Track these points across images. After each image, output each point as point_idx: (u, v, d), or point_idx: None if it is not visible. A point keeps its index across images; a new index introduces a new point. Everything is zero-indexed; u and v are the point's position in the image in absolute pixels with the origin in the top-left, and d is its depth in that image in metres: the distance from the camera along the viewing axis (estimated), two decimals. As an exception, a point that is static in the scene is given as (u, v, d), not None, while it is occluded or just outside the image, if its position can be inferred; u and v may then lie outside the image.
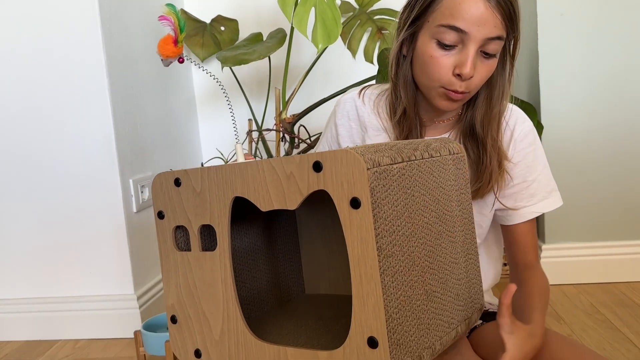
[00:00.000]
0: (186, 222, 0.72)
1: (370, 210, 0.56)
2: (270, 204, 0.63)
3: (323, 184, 0.58)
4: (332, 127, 1.04)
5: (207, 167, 0.69)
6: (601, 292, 1.72)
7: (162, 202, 0.74)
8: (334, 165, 0.57)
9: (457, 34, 0.81)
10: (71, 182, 1.61)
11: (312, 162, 0.59)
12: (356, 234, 0.57)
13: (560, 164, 1.78)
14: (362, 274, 0.57)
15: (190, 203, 0.71)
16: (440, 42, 0.82)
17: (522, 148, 0.93)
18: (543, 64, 1.76)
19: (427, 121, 0.95)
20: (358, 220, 0.56)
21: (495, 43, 0.82)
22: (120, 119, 1.61)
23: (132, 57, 1.71)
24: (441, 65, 0.83)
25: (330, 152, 0.57)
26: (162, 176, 0.74)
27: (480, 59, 0.83)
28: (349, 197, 0.57)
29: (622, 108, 1.75)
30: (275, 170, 0.62)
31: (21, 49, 1.58)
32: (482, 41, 0.81)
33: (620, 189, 1.78)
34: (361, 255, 0.57)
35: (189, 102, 2.16)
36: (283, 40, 1.77)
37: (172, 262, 0.74)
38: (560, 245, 1.82)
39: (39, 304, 1.67)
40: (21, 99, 1.60)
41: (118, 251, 1.62)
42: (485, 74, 0.85)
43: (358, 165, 0.56)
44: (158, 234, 0.75)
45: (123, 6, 1.68)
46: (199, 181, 0.70)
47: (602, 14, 1.72)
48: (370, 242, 0.56)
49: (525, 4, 1.84)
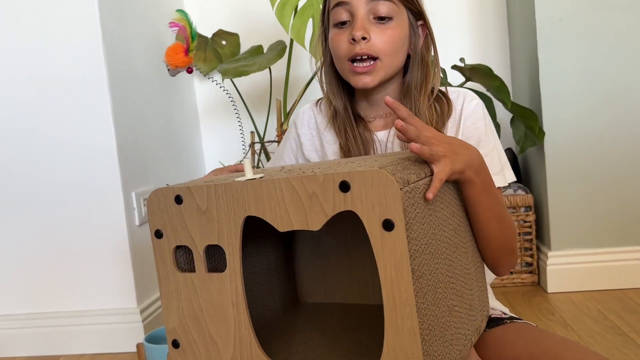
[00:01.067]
0: (189, 242, 0.67)
1: (404, 232, 0.53)
2: (290, 224, 0.60)
3: (351, 205, 0.55)
4: (295, 138, 1.05)
5: (214, 183, 0.65)
6: (609, 299, 1.69)
7: (160, 221, 0.69)
8: (364, 185, 0.54)
9: (344, 9, 0.88)
10: (73, 196, 1.62)
11: (339, 181, 0.56)
12: (389, 257, 0.54)
13: (564, 170, 1.77)
14: (395, 298, 0.54)
15: (194, 222, 0.66)
16: (336, 23, 0.90)
17: (471, 124, 0.93)
18: (543, 70, 1.75)
19: (369, 117, 0.98)
20: (391, 243, 0.54)
21: (383, 4, 0.87)
22: (122, 133, 1.62)
23: (134, 71, 1.73)
24: (340, 40, 0.89)
25: (359, 172, 0.54)
26: (160, 193, 0.69)
27: (376, 24, 0.88)
28: (381, 218, 0.54)
29: (624, 113, 1.74)
30: (295, 189, 0.59)
31: (25, 64, 1.59)
32: (366, 4, 0.87)
33: (626, 194, 1.76)
34: (394, 278, 0.54)
35: (192, 115, 2.17)
36: (283, 51, 1.78)
37: (173, 283, 0.69)
38: (566, 252, 1.80)
39: (42, 319, 1.67)
40: (24, 113, 1.61)
41: (121, 265, 1.62)
42: (386, 37, 0.88)
43: (391, 186, 0.53)
44: (156, 254, 0.71)
45: (125, 20, 1.70)
46: (205, 199, 0.65)
47: (601, 18, 1.71)
48: (405, 265, 0.54)
49: (523, 10, 1.84)
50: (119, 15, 1.66)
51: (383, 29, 0.88)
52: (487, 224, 0.76)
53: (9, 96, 1.61)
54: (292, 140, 1.07)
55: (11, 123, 1.62)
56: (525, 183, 2.03)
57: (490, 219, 0.76)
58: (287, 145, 1.08)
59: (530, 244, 1.89)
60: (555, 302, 1.73)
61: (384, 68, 0.90)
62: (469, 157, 0.71)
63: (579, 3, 1.71)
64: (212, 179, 0.73)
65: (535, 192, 1.92)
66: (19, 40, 1.58)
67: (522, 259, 1.90)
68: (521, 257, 1.90)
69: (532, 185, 1.96)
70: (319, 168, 0.66)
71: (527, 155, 1.99)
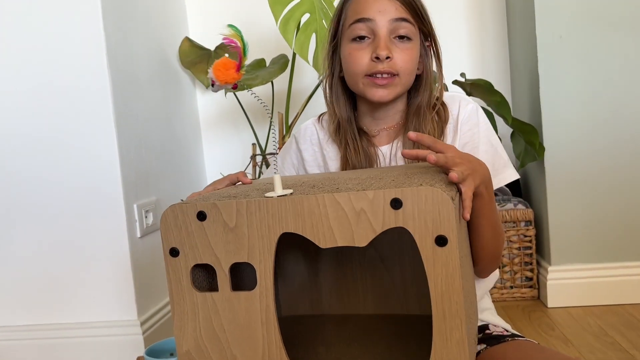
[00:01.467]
0: (212, 260, 0.65)
1: (456, 247, 0.55)
2: (333, 240, 0.59)
3: (402, 222, 0.56)
4: (296, 152, 1.06)
5: (245, 199, 0.63)
6: (609, 314, 1.70)
7: (176, 238, 0.66)
8: (417, 202, 0.55)
9: (366, 24, 0.89)
10: (75, 207, 1.62)
11: (390, 198, 0.56)
12: (440, 271, 0.56)
13: (564, 185, 1.78)
14: (445, 310, 0.56)
15: (219, 239, 0.64)
16: (355, 37, 0.91)
17: (468, 129, 0.95)
18: (543, 86, 1.77)
19: (372, 131, 0.98)
20: (444, 258, 0.55)
21: (403, 25, 0.90)
22: (125, 144, 1.62)
23: (136, 82, 1.74)
24: (359, 55, 0.90)
25: (412, 189, 0.55)
26: (177, 209, 0.66)
27: (396, 43, 0.90)
28: (434, 235, 0.55)
29: (624, 129, 1.75)
30: (340, 206, 0.58)
31: (28, 75, 1.60)
32: (389, 24, 0.89)
33: (626, 210, 1.77)
34: (445, 291, 0.56)
35: (194, 127, 2.18)
36: (285, 65, 1.80)
37: (190, 304, 0.67)
38: (566, 267, 1.81)
39: (41, 330, 1.67)
40: (26, 125, 1.62)
41: (121, 276, 1.62)
42: (407, 57, 0.90)
43: (446, 204, 0.55)
44: (169, 274, 0.68)
45: (128, 33, 1.71)
46: (234, 215, 0.63)
47: (601, 35, 1.73)
48: (457, 278, 0.55)
49: (524, 26, 1.86)
50: (123, 26, 1.67)
51: (403, 49, 0.90)
52: (485, 233, 0.79)
53: (12, 107, 1.62)
54: (293, 155, 1.07)
55: (13, 133, 1.63)
56: (525, 198, 2.04)
57: (488, 227, 0.79)
58: (287, 160, 1.08)
59: (531, 258, 1.89)
60: (555, 317, 1.73)
61: (400, 85, 0.92)
62: (483, 173, 0.74)
63: (579, 20, 1.73)
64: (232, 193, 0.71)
65: (536, 206, 1.92)
66: (22, 51, 1.59)
67: (522, 274, 1.91)
68: (521, 272, 1.90)
69: (532, 200, 1.97)
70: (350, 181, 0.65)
71: (528, 170, 2.00)
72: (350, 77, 0.94)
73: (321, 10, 1.62)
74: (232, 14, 2.15)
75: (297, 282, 0.87)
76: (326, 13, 1.63)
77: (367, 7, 0.90)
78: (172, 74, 2.02)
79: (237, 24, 2.15)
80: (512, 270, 1.91)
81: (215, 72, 0.78)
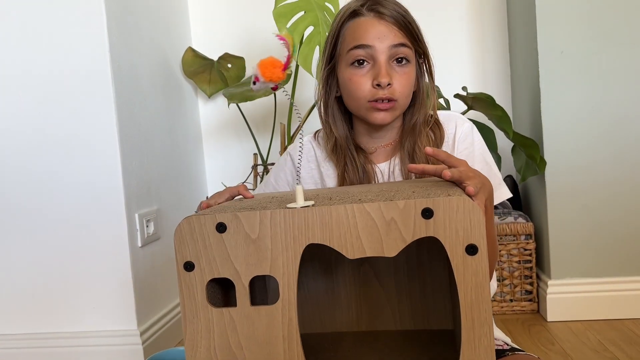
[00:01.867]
0: (231, 273, 0.64)
1: (486, 256, 0.56)
2: (362, 251, 0.59)
3: (433, 231, 0.57)
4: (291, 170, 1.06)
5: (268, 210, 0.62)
6: (609, 329, 1.70)
7: (192, 252, 0.64)
8: (448, 212, 0.56)
9: (365, 50, 0.91)
10: (76, 215, 1.62)
11: (422, 208, 0.57)
12: (470, 280, 0.57)
13: (565, 199, 1.79)
14: (474, 318, 0.57)
15: (240, 252, 0.63)
16: (354, 62, 0.93)
17: (464, 148, 0.97)
18: (545, 101, 1.78)
19: (370, 148, 1.00)
20: (474, 266, 0.56)
21: (401, 49, 0.92)
22: (127, 153, 1.63)
23: (140, 93, 1.74)
24: (360, 82, 0.92)
25: (444, 199, 0.56)
26: (194, 221, 0.64)
27: (395, 68, 0.92)
28: (464, 244, 0.56)
29: (625, 144, 1.76)
30: (370, 216, 0.58)
31: (31, 82, 1.61)
32: (388, 50, 0.91)
33: (626, 224, 1.78)
34: (475, 300, 0.57)
35: (196, 137, 2.19)
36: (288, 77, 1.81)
37: (204, 320, 0.65)
38: (566, 281, 1.81)
39: (41, 339, 1.66)
40: (29, 132, 1.62)
41: (122, 286, 1.61)
42: (405, 81, 0.92)
43: (476, 213, 0.56)
44: (182, 289, 0.65)
45: (132, 43, 1.72)
46: (257, 227, 0.62)
47: (602, 51, 1.75)
48: (486, 286, 0.56)
49: (526, 41, 1.88)
50: (127, 36, 1.68)
51: (402, 73, 0.92)
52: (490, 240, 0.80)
53: (15, 114, 1.62)
54: (287, 172, 1.07)
55: (15, 140, 1.63)
56: (525, 211, 2.04)
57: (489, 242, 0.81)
58: (281, 177, 1.08)
59: (530, 272, 1.89)
60: (554, 331, 1.73)
61: (399, 108, 0.95)
62: (490, 188, 0.76)
63: (581, 36, 1.75)
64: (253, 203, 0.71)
65: (536, 220, 1.93)
66: (27, 60, 1.60)
67: (522, 287, 1.91)
68: (521, 285, 1.91)
69: (532, 214, 1.98)
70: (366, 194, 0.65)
71: (528, 183, 2.01)
72: (352, 101, 0.95)
73: (325, 24, 1.63)
74: (236, 25, 2.17)
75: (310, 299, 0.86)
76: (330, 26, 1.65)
77: (366, 34, 0.91)
78: (175, 84, 2.02)
79: (241, 35, 2.16)
80: (512, 283, 1.91)
81: (262, 69, 0.77)
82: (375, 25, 0.91)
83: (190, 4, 2.20)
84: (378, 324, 0.84)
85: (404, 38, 0.92)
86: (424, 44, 0.96)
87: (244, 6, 2.17)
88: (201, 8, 2.19)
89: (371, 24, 0.92)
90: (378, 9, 0.92)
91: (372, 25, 0.92)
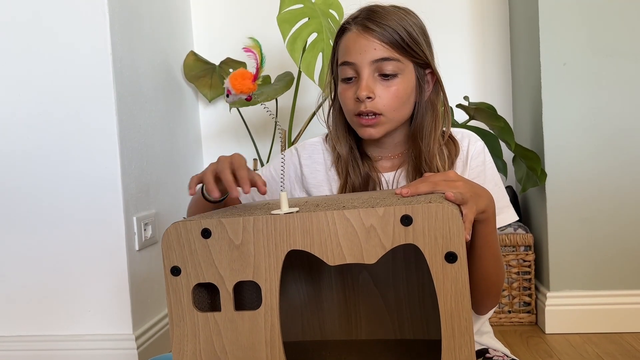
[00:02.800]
0: (215, 279, 0.64)
1: (465, 263, 0.55)
2: (342, 257, 0.59)
3: (412, 238, 0.56)
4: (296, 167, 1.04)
5: (251, 216, 0.62)
6: (607, 343, 1.69)
7: (179, 257, 0.65)
8: (427, 219, 0.56)
9: (350, 67, 0.91)
10: (74, 218, 1.61)
11: (400, 215, 0.56)
12: (449, 288, 0.56)
13: (565, 211, 1.78)
14: (455, 328, 0.57)
15: (224, 257, 0.63)
16: (343, 78, 0.93)
17: (476, 165, 0.97)
18: (546, 113, 1.77)
19: (376, 157, 0.99)
20: (453, 274, 0.56)
21: (387, 64, 0.90)
22: (127, 157, 1.62)
23: (141, 96, 1.74)
24: (347, 96, 0.93)
25: (423, 205, 0.56)
26: (181, 226, 0.65)
27: (380, 82, 0.91)
28: (444, 251, 0.56)
29: (626, 157, 1.76)
30: (350, 222, 0.58)
31: (33, 84, 1.60)
32: (370, 65, 0.90)
33: (626, 237, 1.77)
34: (454, 308, 0.56)
35: (196, 141, 2.18)
36: (290, 83, 1.81)
37: (190, 324, 0.66)
38: (565, 293, 1.80)
39: (36, 342, 1.64)
40: (29, 134, 1.61)
41: (118, 289, 1.60)
42: (390, 94, 0.90)
43: (456, 220, 0.55)
44: (169, 293, 0.66)
45: (134, 46, 1.71)
46: (240, 233, 0.63)
47: (604, 64, 1.75)
48: (466, 295, 0.56)
49: (528, 53, 1.88)
50: (129, 39, 1.68)
51: (387, 86, 0.91)
52: (487, 262, 0.80)
53: (16, 116, 1.62)
54: (291, 169, 1.06)
55: (15, 143, 1.62)
56: (525, 222, 2.04)
57: (491, 258, 0.80)
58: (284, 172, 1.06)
59: (529, 283, 1.88)
60: (553, 343, 1.72)
61: (388, 122, 0.93)
62: (488, 197, 0.75)
63: (583, 48, 1.75)
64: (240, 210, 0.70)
65: (535, 231, 1.92)
66: (28, 62, 1.59)
67: (521, 299, 1.90)
68: (520, 297, 1.90)
69: (532, 225, 1.97)
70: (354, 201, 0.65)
71: (528, 194, 2.01)
72: (345, 115, 0.97)
73: (328, 30, 1.63)
74: (239, 30, 2.17)
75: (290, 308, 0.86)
76: (333, 33, 1.65)
77: (350, 49, 0.91)
78: (176, 88, 2.02)
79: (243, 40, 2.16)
80: (510, 294, 1.90)
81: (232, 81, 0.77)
82: (358, 40, 0.91)
83: (193, 9, 2.21)
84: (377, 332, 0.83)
85: (389, 52, 0.89)
86: (423, 54, 0.93)
87: (247, 11, 2.17)
88: (204, 12, 2.19)
89: (354, 39, 0.91)
90: (365, 23, 0.91)
91: (355, 40, 0.91)
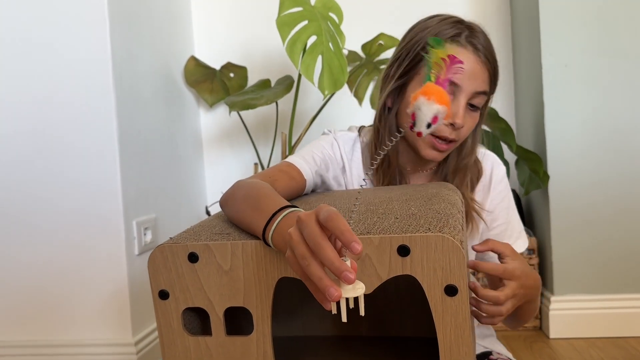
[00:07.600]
0: (205, 303, 0.62)
1: (467, 297, 0.52)
2: None
3: (410, 269, 0.53)
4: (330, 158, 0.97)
5: (240, 241, 0.60)
6: (612, 347, 1.66)
7: (166, 280, 0.63)
8: (426, 250, 0.53)
9: (449, 86, 0.83)
10: (73, 222, 1.60)
11: (397, 245, 0.53)
12: (449, 321, 0.53)
13: (568, 214, 1.76)
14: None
15: (212, 282, 0.61)
16: None
17: (500, 190, 0.96)
18: (549, 115, 1.76)
19: (410, 170, 0.98)
20: (454, 307, 0.53)
21: (481, 97, 0.88)
22: (127, 161, 1.61)
23: (142, 101, 1.73)
24: None
25: (421, 235, 0.53)
26: (167, 249, 0.62)
27: (468, 111, 0.88)
28: (443, 284, 0.52)
29: (629, 159, 1.74)
30: None
31: (32, 89, 1.60)
32: (471, 94, 0.87)
33: (630, 241, 1.75)
34: (454, 341, 0.54)
35: (196, 146, 2.18)
36: (290, 86, 1.80)
37: (181, 348, 0.64)
38: (569, 297, 1.78)
39: (35, 347, 1.63)
40: (28, 139, 1.61)
41: (117, 294, 1.59)
42: (471, 125, 0.90)
43: (457, 253, 0.52)
44: (158, 317, 0.64)
45: (135, 51, 1.71)
46: (229, 258, 0.60)
47: (606, 65, 1.73)
48: (467, 328, 0.53)
49: (530, 54, 1.87)
50: (129, 44, 1.67)
51: (471, 117, 0.90)
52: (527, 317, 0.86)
53: (16, 120, 1.61)
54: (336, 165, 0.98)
55: (17, 148, 1.62)
56: (528, 226, 2.02)
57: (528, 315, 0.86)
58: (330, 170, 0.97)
59: (533, 287, 1.86)
60: (557, 348, 1.70)
61: (454, 148, 0.93)
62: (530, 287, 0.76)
63: (585, 50, 1.73)
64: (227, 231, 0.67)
65: (539, 235, 1.90)
66: (27, 66, 1.59)
67: (524, 303, 1.88)
68: (523, 301, 1.88)
69: (535, 228, 1.95)
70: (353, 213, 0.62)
71: (531, 197, 1.99)
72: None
73: (327, 33, 1.62)
74: (239, 34, 2.16)
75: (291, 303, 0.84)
76: (332, 36, 1.64)
77: None
78: (177, 92, 2.02)
79: (243, 44, 2.16)
80: (514, 299, 1.88)
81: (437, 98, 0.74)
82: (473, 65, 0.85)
83: (194, 13, 2.20)
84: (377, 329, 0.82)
85: (487, 86, 0.88)
86: (495, 87, 0.92)
87: (246, 16, 2.17)
88: (204, 17, 2.19)
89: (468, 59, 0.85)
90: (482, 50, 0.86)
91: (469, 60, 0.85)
